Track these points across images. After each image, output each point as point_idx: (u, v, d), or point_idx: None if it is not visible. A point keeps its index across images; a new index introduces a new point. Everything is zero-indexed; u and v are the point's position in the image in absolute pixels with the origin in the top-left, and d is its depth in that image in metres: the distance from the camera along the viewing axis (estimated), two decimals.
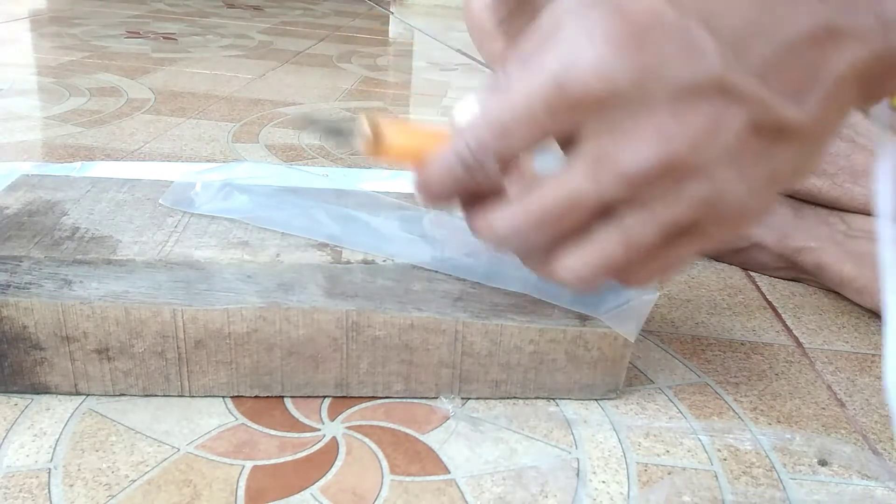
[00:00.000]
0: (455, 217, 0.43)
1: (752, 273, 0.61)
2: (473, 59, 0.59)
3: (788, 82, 0.23)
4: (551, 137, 0.25)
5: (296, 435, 0.37)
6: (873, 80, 0.24)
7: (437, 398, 0.40)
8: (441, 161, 0.27)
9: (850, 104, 0.24)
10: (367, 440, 0.37)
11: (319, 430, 0.38)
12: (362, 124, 0.27)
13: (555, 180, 0.25)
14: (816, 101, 0.23)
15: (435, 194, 0.28)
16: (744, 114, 0.23)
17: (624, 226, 0.25)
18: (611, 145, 0.24)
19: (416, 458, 0.36)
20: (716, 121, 0.23)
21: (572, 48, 0.22)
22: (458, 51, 0.62)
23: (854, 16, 0.22)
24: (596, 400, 0.42)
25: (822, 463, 0.38)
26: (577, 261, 0.26)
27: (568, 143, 0.26)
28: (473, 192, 0.27)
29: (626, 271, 0.27)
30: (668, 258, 0.26)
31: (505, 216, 0.27)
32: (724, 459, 0.38)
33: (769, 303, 0.56)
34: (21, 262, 0.35)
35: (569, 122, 0.24)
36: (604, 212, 0.25)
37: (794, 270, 0.59)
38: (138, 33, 1.43)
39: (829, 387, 0.46)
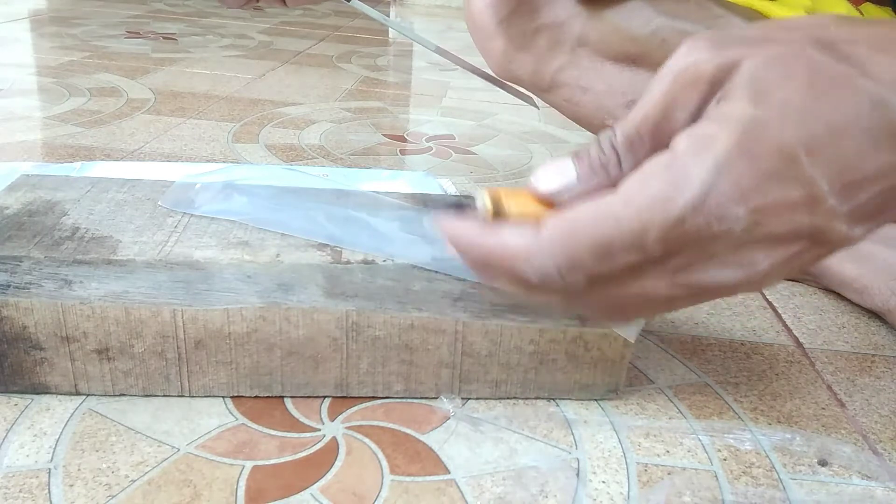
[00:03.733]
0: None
1: None
2: (452, 56, 0.58)
3: (864, 215, 0.24)
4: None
5: (296, 435, 0.37)
6: None
7: (437, 398, 0.40)
8: (516, 272, 0.26)
9: None
10: (367, 440, 0.37)
11: (319, 430, 0.38)
12: (484, 197, 0.27)
13: (634, 281, 0.25)
14: (873, 225, 0.25)
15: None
16: (822, 252, 0.25)
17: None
18: (698, 264, 0.25)
19: (416, 458, 0.36)
20: (793, 256, 0.25)
21: (704, 185, 0.23)
22: (437, 48, 0.61)
23: None
24: (596, 400, 0.42)
25: (822, 463, 0.38)
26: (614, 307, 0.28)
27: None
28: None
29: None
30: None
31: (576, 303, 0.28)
32: (724, 459, 0.38)
33: (769, 303, 0.56)
34: (21, 262, 0.35)
35: (672, 251, 0.24)
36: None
37: None
38: (138, 33, 1.43)
39: (829, 387, 0.46)
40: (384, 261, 0.37)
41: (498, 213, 0.27)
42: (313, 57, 1.36)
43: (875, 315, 0.55)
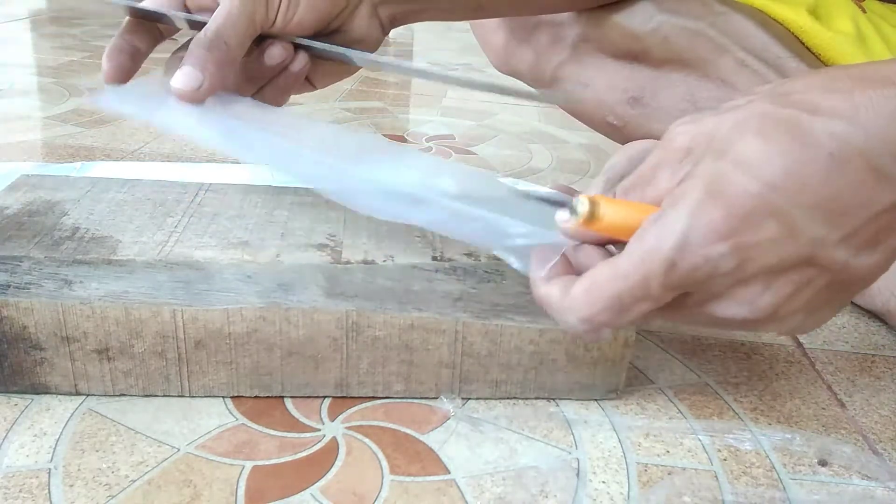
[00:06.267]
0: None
1: None
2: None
3: (867, 240, 0.26)
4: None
5: (296, 435, 0.37)
6: None
7: (437, 398, 0.40)
8: (554, 317, 0.29)
9: None
10: (367, 440, 0.37)
11: (319, 430, 0.38)
12: (582, 201, 0.28)
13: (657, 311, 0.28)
14: (886, 249, 0.27)
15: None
16: (825, 277, 0.27)
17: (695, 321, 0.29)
18: (706, 303, 0.27)
19: (416, 458, 0.36)
20: (799, 287, 0.26)
21: (683, 231, 0.25)
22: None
23: None
24: (596, 400, 0.42)
25: (822, 463, 0.38)
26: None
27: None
28: None
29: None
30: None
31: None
32: (725, 459, 0.38)
33: None
34: (21, 262, 0.35)
35: (676, 293, 0.27)
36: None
37: None
38: None
39: (829, 387, 0.46)
40: (384, 261, 0.37)
41: (592, 219, 0.28)
42: None
43: (875, 315, 0.55)
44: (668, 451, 0.38)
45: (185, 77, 0.36)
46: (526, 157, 0.86)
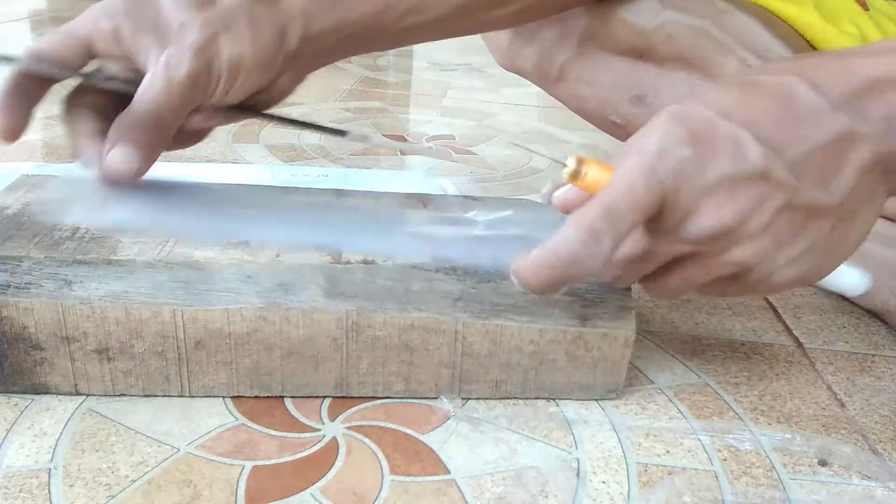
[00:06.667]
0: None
1: None
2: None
3: (817, 174, 0.30)
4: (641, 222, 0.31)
5: (296, 435, 0.37)
6: (891, 170, 0.31)
7: (437, 398, 0.40)
8: (557, 270, 0.30)
9: (882, 188, 0.32)
10: (367, 440, 0.37)
11: (319, 430, 0.38)
12: (571, 158, 0.32)
13: (647, 243, 0.33)
14: (843, 186, 0.30)
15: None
16: (780, 196, 0.30)
17: (686, 273, 0.33)
18: (683, 221, 0.31)
19: (416, 458, 0.36)
20: (758, 199, 0.30)
21: (656, 146, 0.30)
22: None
23: (866, 124, 0.30)
24: (596, 400, 0.42)
25: (822, 463, 0.38)
26: (655, 289, 0.36)
27: None
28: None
29: (674, 294, 0.35)
30: (710, 292, 0.35)
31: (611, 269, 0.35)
32: (725, 459, 0.38)
33: (769, 303, 0.56)
34: (21, 262, 0.35)
35: (658, 202, 0.30)
36: (675, 261, 0.33)
37: None
38: None
39: (829, 387, 0.46)
40: (384, 261, 0.37)
41: (575, 176, 0.31)
42: None
43: (875, 315, 0.55)
44: (668, 451, 0.38)
45: (123, 157, 0.36)
46: (526, 156, 0.86)
